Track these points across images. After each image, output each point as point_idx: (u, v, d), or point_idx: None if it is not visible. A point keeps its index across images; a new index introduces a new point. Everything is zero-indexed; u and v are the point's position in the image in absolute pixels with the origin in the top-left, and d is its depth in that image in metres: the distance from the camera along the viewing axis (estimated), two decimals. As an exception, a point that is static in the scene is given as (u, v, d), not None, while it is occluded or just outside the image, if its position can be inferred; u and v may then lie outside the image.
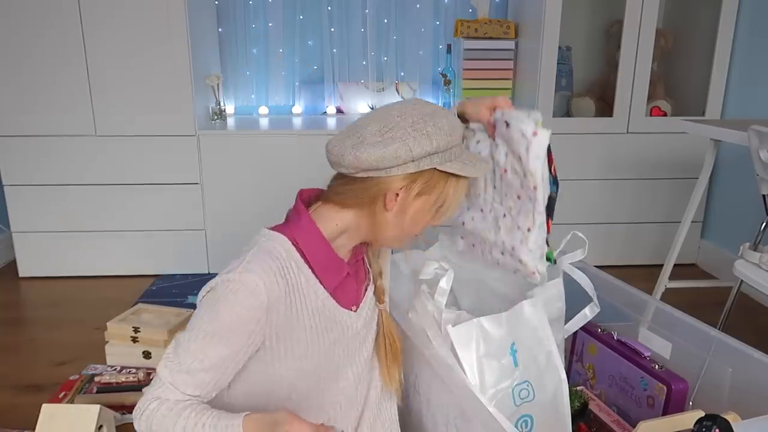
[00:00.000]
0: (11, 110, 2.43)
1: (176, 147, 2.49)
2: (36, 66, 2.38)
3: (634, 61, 2.52)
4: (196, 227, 2.58)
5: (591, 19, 2.87)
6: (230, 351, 0.89)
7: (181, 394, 0.88)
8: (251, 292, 0.87)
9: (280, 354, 0.95)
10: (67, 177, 2.50)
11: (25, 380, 1.84)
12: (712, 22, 2.53)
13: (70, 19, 2.34)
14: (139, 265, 2.61)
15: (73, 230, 2.56)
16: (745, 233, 2.20)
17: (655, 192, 2.68)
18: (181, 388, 0.88)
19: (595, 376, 1.36)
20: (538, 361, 1.02)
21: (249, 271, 0.87)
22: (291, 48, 2.91)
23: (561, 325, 1.15)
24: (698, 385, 1.17)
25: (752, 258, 1.66)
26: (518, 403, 1.01)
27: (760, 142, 1.61)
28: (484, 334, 1.00)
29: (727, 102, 2.59)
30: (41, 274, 2.61)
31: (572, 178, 2.65)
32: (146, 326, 1.85)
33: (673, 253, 2.16)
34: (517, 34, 2.75)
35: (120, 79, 2.42)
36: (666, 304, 1.29)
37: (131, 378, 1.77)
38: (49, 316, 2.29)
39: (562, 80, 2.76)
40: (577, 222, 2.66)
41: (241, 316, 0.88)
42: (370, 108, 2.99)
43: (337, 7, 2.87)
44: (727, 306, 1.87)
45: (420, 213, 0.97)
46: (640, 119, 2.59)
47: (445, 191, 0.97)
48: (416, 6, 2.89)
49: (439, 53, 2.98)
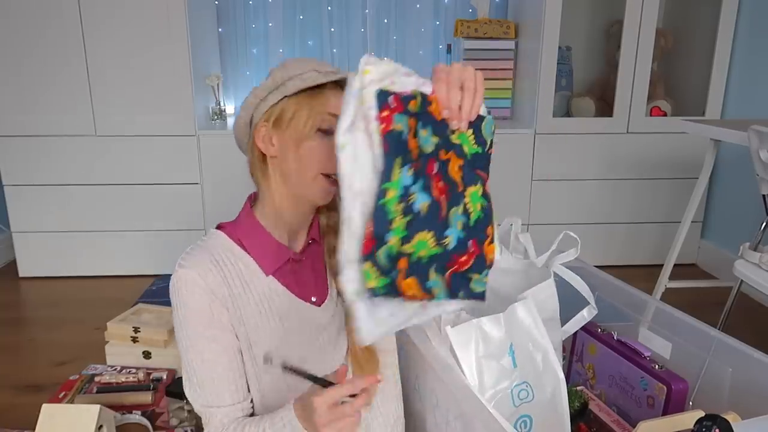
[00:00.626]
0: (11, 110, 2.43)
1: (176, 147, 2.49)
2: (36, 66, 2.38)
3: (634, 61, 2.52)
4: (196, 227, 2.57)
5: (591, 19, 2.87)
6: (218, 345, 0.93)
7: (223, 410, 0.94)
8: (187, 282, 0.92)
9: (250, 343, 0.97)
10: (67, 177, 2.50)
11: (25, 380, 1.84)
12: (712, 22, 2.53)
13: (70, 19, 2.34)
14: (139, 265, 2.61)
15: (73, 230, 2.56)
16: (745, 233, 2.20)
17: (655, 192, 2.68)
18: (216, 403, 0.94)
19: (595, 376, 1.36)
20: (536, 361, 1.02)
21: (182, 267, 0.93)
22: (291, 48, 2.91)
23: (557, 326, 1.15)
24: (698, 385, 1.16)
25: (752, 258, 1.66)
26: (517, 404, 1.01)
27: (760, 142, 1.61)
28: (483, 335, 1.00)
29: (727, 102, 2.59)
30: (41, 274, 2.62)
31: (572, 178, 2.65)
32: (146, 326, 1.85)
33: (673, 253, 2.16)
34: (517, 34, 2.75)
35: (120, 79, 2.42)
36: (666, 304, 1.29)
37: (131, 378, 1.76)
38: (49, 316, 2.29)
39: (562, 80, 2.76)
40: (576, 222, 2.67)
41: (194, 308, 0.92)
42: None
43: (337, 7, 2.87)
44: (727, 306, 1.87)
45: (298, 143, 0.93)
46: (640, 119, 2.59)
47: (303, 110, 0.93)
48: (416, 6, 2.89)
49: (439, 53, 2.98)
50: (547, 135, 2.58)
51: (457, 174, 0.76)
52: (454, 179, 0.76)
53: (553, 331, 1.10)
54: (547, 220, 2.67)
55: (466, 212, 0.76)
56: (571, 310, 1.16)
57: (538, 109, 2.56)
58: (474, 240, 0.77)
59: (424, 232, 0.73)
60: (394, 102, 0.75)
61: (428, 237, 0.73)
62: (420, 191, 0.72)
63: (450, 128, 0.77)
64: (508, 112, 2.84)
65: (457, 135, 0.78)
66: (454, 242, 0.75)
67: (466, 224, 0.76)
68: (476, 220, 0.77)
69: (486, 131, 0.80)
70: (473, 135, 0.79)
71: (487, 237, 0.79)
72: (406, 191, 0.72)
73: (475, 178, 0.78)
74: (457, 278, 0.78)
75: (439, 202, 0.74)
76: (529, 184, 2.63)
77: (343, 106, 0.76)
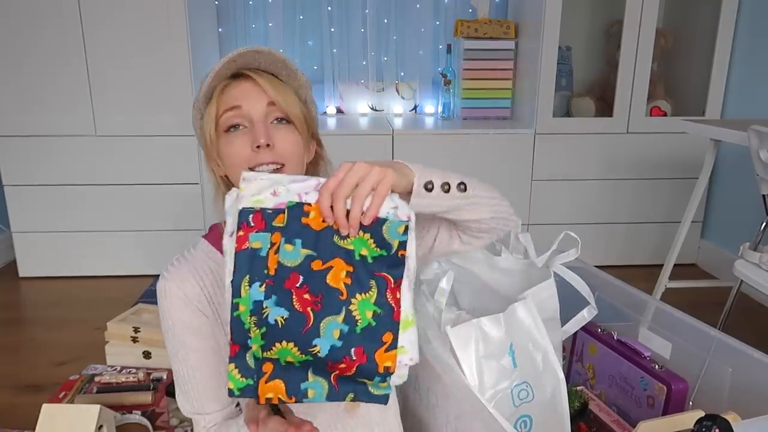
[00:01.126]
0: (11, 110, 2.43)
1: (176, 147, 2.49)
2: (36, 66, 2.38)
3: (634, 61, 2.52)
4: (196, 227, 2.57)
5: (591, 19, 2.88)
6: (199, 353, 0.94)
7: (207, 417, 0.95)
8: (167, 294, 0.92)
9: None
10: (67, 177, 2.50)
11: (25, 380, 1.84)
12: (712, 22, 2.53)
13: (70, 19, 2.34)
14: (139, 265, 2.61)
15: (73, 230, 2.56)
16: (745, 233, 2.20)
17: (655, 192, 2.68)
18: (201, 410, 0.95)
19: (595, 376, 1.36)
20: (536, 361, 1.02)
21: (163, 278, 0.93)
22: (291, 48, 2.91)
23: (557, 325, 1.14)
24: (698, 385, 1.16)
25: (752, 258, 1.66)
26: (517, 404, 1.01)
27: (760, 142, 1.61)
28: (483, 335, 1.00)
29: (727, 102, 2.59)
30: (41, 274, 2.62)
31: (572, 178, 2.65)
32: (146, 326, 1.85)
33: (673, 253, 2.16)
34: (517, 34, 2.75)
35: (120, 79, 2.42)
36: (666, 304, 1.29)
37: (131, 378, 1.77)
38: (49, 316, 2.29)
39: (562, 80, 2.76)
40: (576, 222, 2.67)
41: (176, 318, 0.93)
42: (370, 108, 2.99)
43: (337, 7, 2.87)
44: (727, 306, 1.87)
45: (218, 150, 0.91)
46: (640, 119, 2.59)
47: (206, 120, 0.91)
48: (416, 6, 2.89)
49: (439, 53, 2.98)
50: (547, 135, 2.58)
51: (341, 281, 0.75)
52: (334, 287, 0.75)
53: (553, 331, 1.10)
54: (547, 220, 2.68)
55: (350, 321, 0.75)
56: (571, 310, 1.16)
57: (538, 109, 2.56)
58: (359, 348, 0.75)
59: (283, 342, 0.74)
60: (253, 220, 0.77)
61: (290, 346, 0.75)
62: (274, 306, 0.74)
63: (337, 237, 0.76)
64: (508, 112, 2.84)
65: (350, 240, 0.76)
66: (326, 351, 0.74)
67: (346, 333, 0.74)
68: (364, 328, 0.75)
69: (389, 234, 0.76)
70: (372, 239, 0.76)
71: (384, 344, 0.75)
72: (259, 305, 0.74)
73: (367, 286, 0.76)
74: (348, 381, 0.77)
75: (303, 312, 0.74)
76: (529, 184, 2.63)
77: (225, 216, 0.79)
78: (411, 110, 3.01)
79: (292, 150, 0.90)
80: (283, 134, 0.89)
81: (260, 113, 0.88)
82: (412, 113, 3.01)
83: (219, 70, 0.88)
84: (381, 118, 2.87)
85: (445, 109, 2.87)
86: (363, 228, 0.75)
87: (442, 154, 2.58)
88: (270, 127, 0.89)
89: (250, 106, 0.88)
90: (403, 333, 0.77)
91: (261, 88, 0.89)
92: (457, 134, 2.59)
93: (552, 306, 1.12)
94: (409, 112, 3.01)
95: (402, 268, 0.77)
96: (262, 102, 0.89)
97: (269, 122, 0.89)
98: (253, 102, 0.88)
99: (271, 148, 0.87)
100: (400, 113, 2.98)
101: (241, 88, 0.89)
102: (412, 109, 3.01)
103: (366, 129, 2.66)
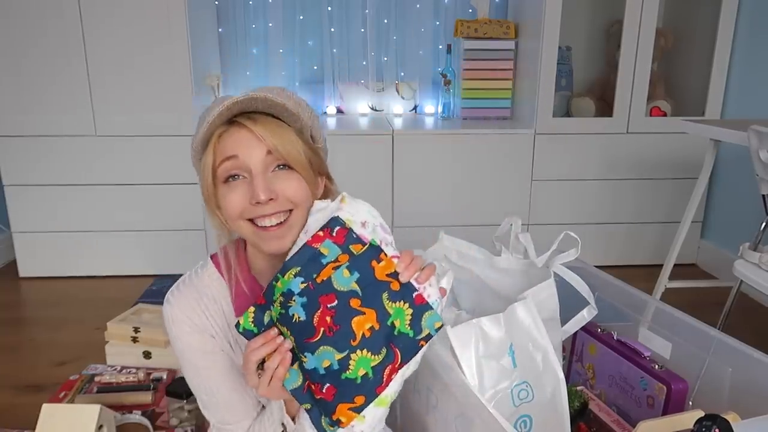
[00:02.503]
0: (11, 110, 2.43)
1: (176, 147, 2.49)
2: (36, 66, 2.38)
3: (634, 61, 2.53)
4: (196, 227, 2.58)
5: (591, 19, 2.88)
6: (214, 372, 0.94)
7: (232, 426, 0.96)
8: (174, 321, 0.92)
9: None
10: (67, 177, 2.50)
11: (25, 380, 1.84)
12: (712, 22, 2.53)
13: (70, 19, 2.34)
14: (139, 265, 2.61)
15: (73, 230, 2.56)
16: (745, 233, 2.19)
17: (655, 192, 2.68)
18: (226, 422, 0.96)
19: (595, 376, 1.36)
20: (536, 361, 1.02)
21: (169, 303, 0.93)
22: (291, 48, 2.91)
23: (557, 325, 1.14)
24: (698, 385, 1.16)
25: (752, 258, 1.66)
26: (517, 404, 1.01)
27: (759, 142, 1.61)
28: (483, 335, 1.00)
29: (727, 102, 2.59)
30: (41, 274, 2.62)
31: (572, 179, 2.65)
32: (146, 326, 1.85)
33: (673, 253, 2.16)
34: (517, 34, 2.75)
35: (120, 79, 2.42)
36: (666, 304, 1.29)
37: (131, 378, 1.77)
38: (49, 316, 2.29)
39: (562, 80, 2.76)
40: (576, 222, 2.67)
41: (186, 342, 0.93)
42: (370, 108, 2.99)
43: (337, 7, 2.87)
44: (727, 306, 1.87)
45: (218, 199, 0.88)
46: (640, 119, 2.60)
47: (202, 171, 0.88)
48: (416, 6, 2.89)
49: (439, 53, 2.98)
50: (547, 135, 2.58)
51: (362, 330, 0.77)
52: (353, 330, 0.77)
53: (553, 331, 1.10)
54: (547, 220, 2.68)
55: (343, 364, 0.77)
56: (571, 310, 1.16)
57: (538, 109, 2.56)
58: (332, 388, 0.77)
59: (289, 332, 0.79)
60: (338, 232, 0.81)
61: (292, 338, 0.79)
62: (299, 304, 0.78)
63: (387, 295, 0.78)
64: (508, 112, 2.84)
65: (394, 305, 0.78)
66: (310, 367, 0.78)
67: (333, 370, 0.77)
68: (349, 379, 0.77)
69: (427, 323, 0.79)
70: (411, 315, 0.78)
71: (352, 403, 0.78)
72: (290, 295, 0.78)
73: (378, 349, 0.78)
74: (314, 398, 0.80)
75: (315, 327, 0.77)
76: (529, 184, 2.63)
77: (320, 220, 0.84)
78: (411, 110, 3.01)
79: (297, 196, 0.86)
80: (286, 181, 0.85)
81: (258, 164, 0.84)
82: (412, 113, 3.01)
83: (213, 121, 0.83)
84: (381, 118, 2.87)
85: (445, 109, 2.87)
86: (411, 303, 0.79)
87: (442, 154, 2.58)
88: (271, 177, 0.85)
89: (248, 156, 0.83)
90: (373, 407, 0.80)
91: (258, 137, 0.83)
92: (457, 134, 2.59)
93: (552, 306, 1.12)
94: (409, 112, 3.01)
95: (413, 356, 0.80)
96: (261, 151, 0.83)
97: (270, 171, 0.85)
98: (250, 151, 0.83)
99: (274, 200, 0.84)
100: (400, 113, 2.98)
101: (237, 136, 0.84)
102: (412, 109, 3.01)
103: (366, 129, 2.66)
